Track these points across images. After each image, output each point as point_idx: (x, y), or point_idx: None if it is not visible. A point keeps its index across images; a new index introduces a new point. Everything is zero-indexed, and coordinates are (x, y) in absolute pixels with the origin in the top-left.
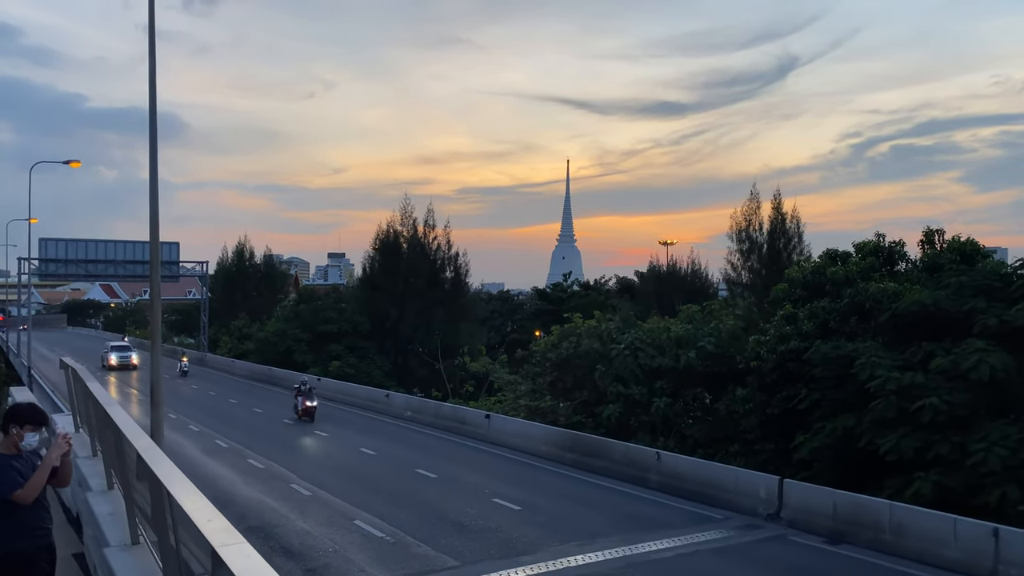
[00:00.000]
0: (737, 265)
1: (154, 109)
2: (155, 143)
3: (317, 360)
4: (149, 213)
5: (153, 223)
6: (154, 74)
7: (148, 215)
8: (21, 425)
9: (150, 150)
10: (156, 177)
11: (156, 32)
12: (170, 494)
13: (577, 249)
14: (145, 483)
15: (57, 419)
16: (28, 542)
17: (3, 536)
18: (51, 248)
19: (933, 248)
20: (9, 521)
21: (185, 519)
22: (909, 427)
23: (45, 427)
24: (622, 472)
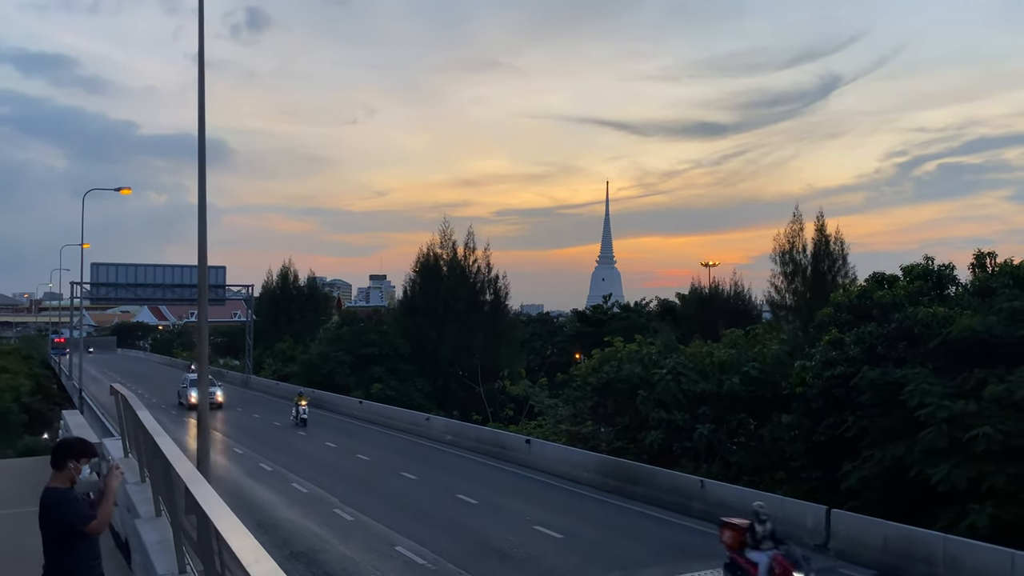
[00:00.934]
0: (781, 288)
1: (203, 145)
2: (203, 184)
3: (359, 383)
4: (198, 242)
5: (201, 252)
6: (203, 103)
7: (196, 240)
8: (78, 459)
9: (199, 189)
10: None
11: (205, 64)
12: (218, 532)
13: (617, 270)
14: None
15: (107, 444)
16: (87, 573)
17: (66, 568)
18: (102, 272)
19: (984, 271)
20: (71, 554)
21: (232, 556)
22: (961, 457)
23: (95, 457)
24: (665, 500)
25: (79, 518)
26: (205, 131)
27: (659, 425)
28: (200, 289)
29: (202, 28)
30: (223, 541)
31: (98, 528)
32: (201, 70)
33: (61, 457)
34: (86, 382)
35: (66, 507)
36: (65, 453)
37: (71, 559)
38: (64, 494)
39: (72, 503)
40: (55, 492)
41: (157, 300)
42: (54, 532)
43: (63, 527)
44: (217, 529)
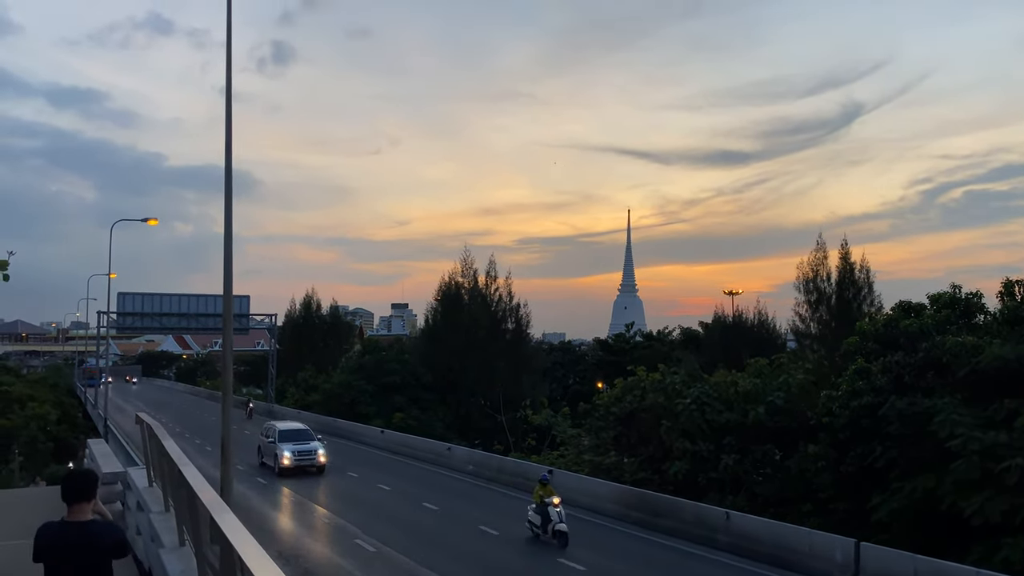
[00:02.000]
0: (805, 316)
1: (229, 181)
2: (229, 215)
3: (380, 411)
4: (223, 274)
5: (227, 285)
6: (230, 137)
7: (221, 270)
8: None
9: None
10: (230, 243)
11: (232, 97)
12: (242, 561)
13: (639, 299)
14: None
15: (132, 473)
16: None
17: None
18: (128, 302)
19: (1013, 299)
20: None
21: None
22: (994, 489)
23: None
24: (690, 532)
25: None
26: (232, 167)
27: (683, 455)
28: (225, 318)
29: (229, 80)
30: (247, 571)
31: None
32: (228, 111)
33: (94, 487)
34: (111, 411)
35: (122, 535)
36: (95, 484)
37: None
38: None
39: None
40: (111, 523)
41: (182, 329)
42: (106, 558)
43: (117, 553)
44: (241, 558)
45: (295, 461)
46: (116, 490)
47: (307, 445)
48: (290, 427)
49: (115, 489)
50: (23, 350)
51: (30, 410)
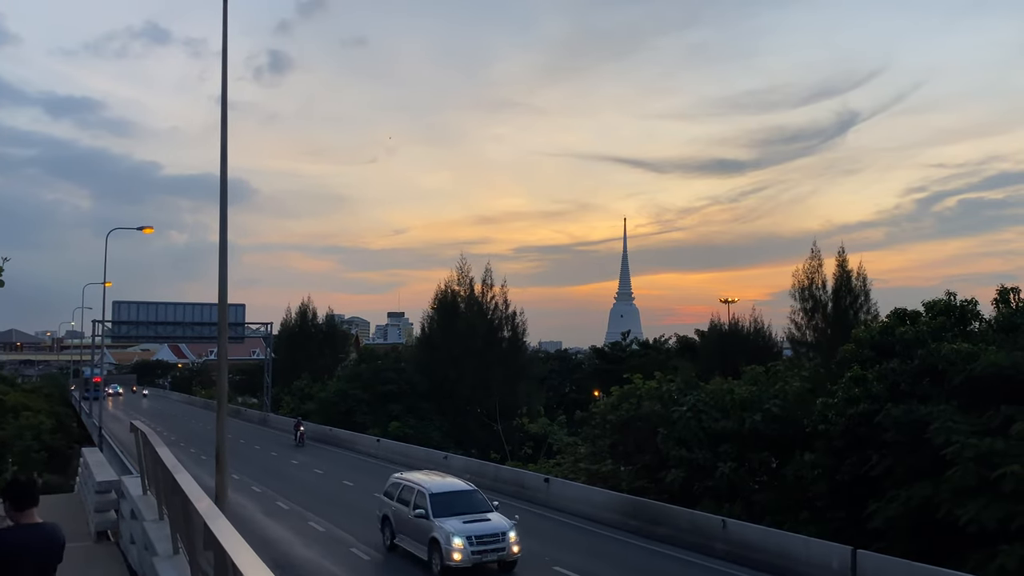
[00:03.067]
0: (801, 324)
1: (224, 188)
2: (224, 224)
3: (377, 420)
4: (219, 283)
5: (222, 295)
6: (225, 147)
7: (217, 278)
8: None
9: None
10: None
11: (228, 107)
12: (236, 567)
13: (635, 307)
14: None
15: (127, 481)
16: None
17: None
18: (123, 310)
19: (1008, 307)
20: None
21: None
22: (990, 496)
23: None
24: (687, 540)
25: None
26: (227, 176)
27: (680, 464)
28: (220, 327)
29: (224, 90)
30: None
31: None
32: (224, 121)
33: (37, 496)
34: (106, 419)
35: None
36: (32, 491)
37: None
38: None
39: None
40: (56, 525)
41: (177, 338)
42: (57, 558)
43: (61, 553)
44: (235, 564)
45: (472, 555)
46: (110, 499)
47: (486, 523)
48: (447, 486)
49: (109, 498)
50: (18, 359)
51: (24, 419)
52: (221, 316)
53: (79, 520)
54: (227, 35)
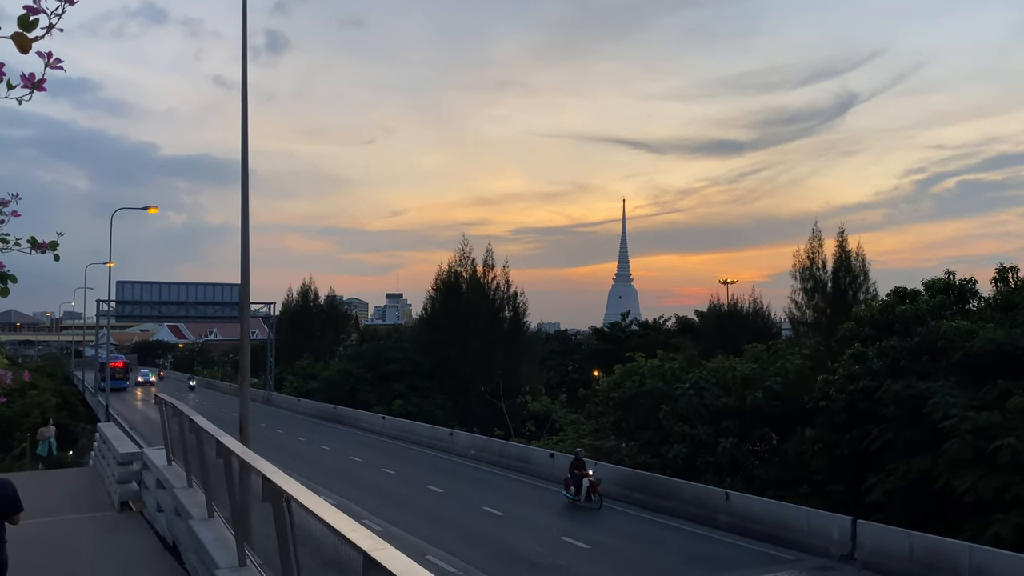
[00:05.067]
0: (801, 304)
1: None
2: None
3: (380, 399)
4: (241, 263)
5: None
6: (246, 133)
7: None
8: None
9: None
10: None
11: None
12: (311, 511)
13: (634, 288)
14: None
15: (150, 453)
16: None
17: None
18: (127, 290)
19: (1007, 286)
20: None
21: (322, 532)
22: (987, 468)
23: None
24: (690, 513)
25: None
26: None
27: (682, 439)
28: (242, 307)
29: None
30: (317, 517)
31: None
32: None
33: None
34: (111, 398)
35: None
36: None
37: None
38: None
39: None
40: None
41: (181, 318)
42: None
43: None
44: (311, 509)
45: None
46: (133, 470)
47: None
48: None
49: (132, 469)
50: (17, 339)
51: (30, 398)
52: (243, 297)
53: (97, 492)
54: (246, 54)
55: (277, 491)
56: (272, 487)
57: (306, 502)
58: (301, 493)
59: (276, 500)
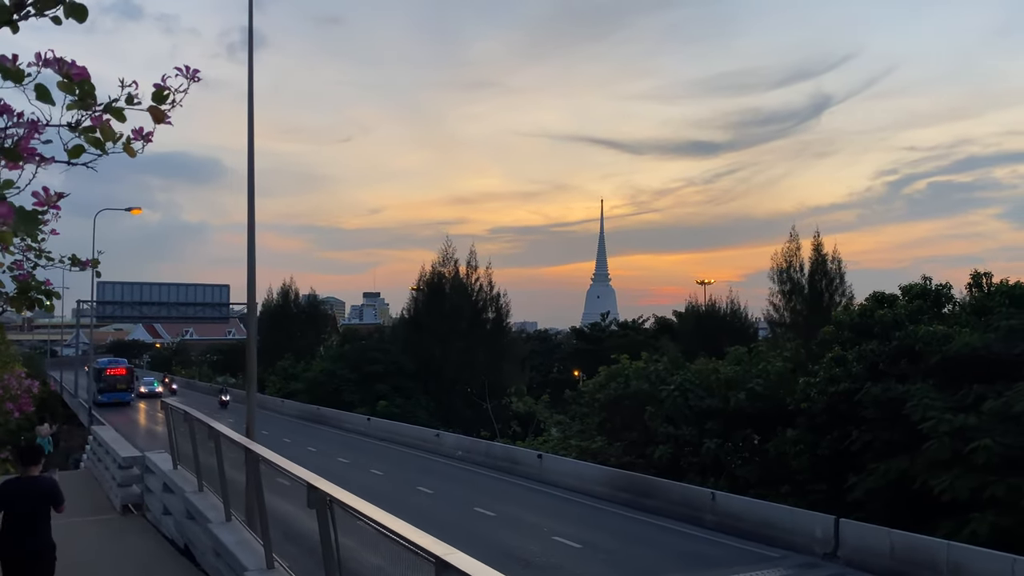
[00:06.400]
0: (779, 306)
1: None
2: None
3: (364, 400)
4: (247, 266)
5: (250, 277)
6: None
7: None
8: None
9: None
10: (253, 237)
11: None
12: (367, 516)
13: (612, 288)
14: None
15: (153, 457)
16: None
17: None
18: (107, 290)
19: (981, 291)
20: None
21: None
22: (963, 468)
23: None
24: (677, 512)
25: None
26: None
27: (667, 440)
28: (249, 307)
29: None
30: (379, 526)
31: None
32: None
33: (42, 456)
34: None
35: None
36: (42, 454)
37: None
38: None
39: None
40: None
41: (162, 318)
42: (53, 505)
43: (59, 504)
44: (367, 515)
45: None
46: (134, 474)
47: None
48: None
49: (133, 473)
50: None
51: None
52: (250, 298)
53: (95, 494)
54: (252, 73)
55: (322, 497)
56: (319, 494)
57: (370, 513)
58: (355, 502)
59: (321, 506)
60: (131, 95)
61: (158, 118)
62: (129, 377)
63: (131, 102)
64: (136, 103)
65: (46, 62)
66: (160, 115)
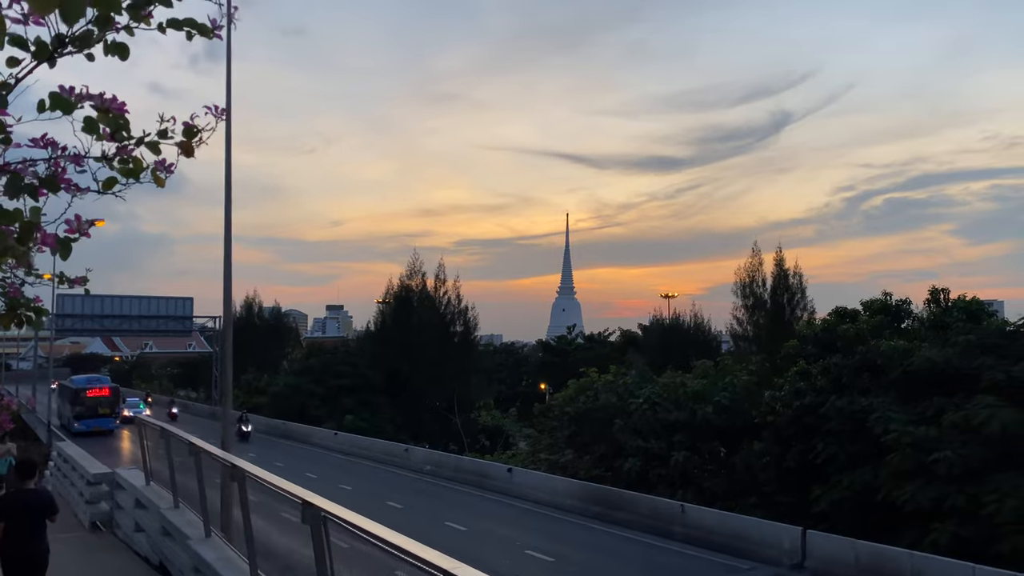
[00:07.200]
0: (743, 320)
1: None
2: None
3: (331, 414)
4: (223, 283)
5: (226, 293)
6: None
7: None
8: None
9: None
10: (230, 252)
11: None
12: (371, 533)
13: (577, 301)
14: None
15: (124, 473)
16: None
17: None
18: (68, 304)
19: (939, 306)
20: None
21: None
22: (925, 479)
23: None
24: (646, 524)
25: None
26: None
27: (636, 453)
28: (224, 321)
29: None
30: (343, 521)
31: None
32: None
33: (35, 470)
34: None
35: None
36: (36, 467)
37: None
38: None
39: None
40: (46, 489)
41: (124, 332)
42: (48, 516)
43: (54, 514)
44: (369, 531)
45: None
46: (103, 490)
47: None
48: None
49: (102, 489)
50: None
51: None
52: (226, 314)
53: (61, 512)
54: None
55: (316, 513)
56: (313, 510)
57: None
58: (351, 516)
59: (315, 522)
60: (166, 129)
61: (188, 152)
62: (114, 399)
63: (165, 136)
64: (169, 137)
65: (81, 96)
66: (190, 150)
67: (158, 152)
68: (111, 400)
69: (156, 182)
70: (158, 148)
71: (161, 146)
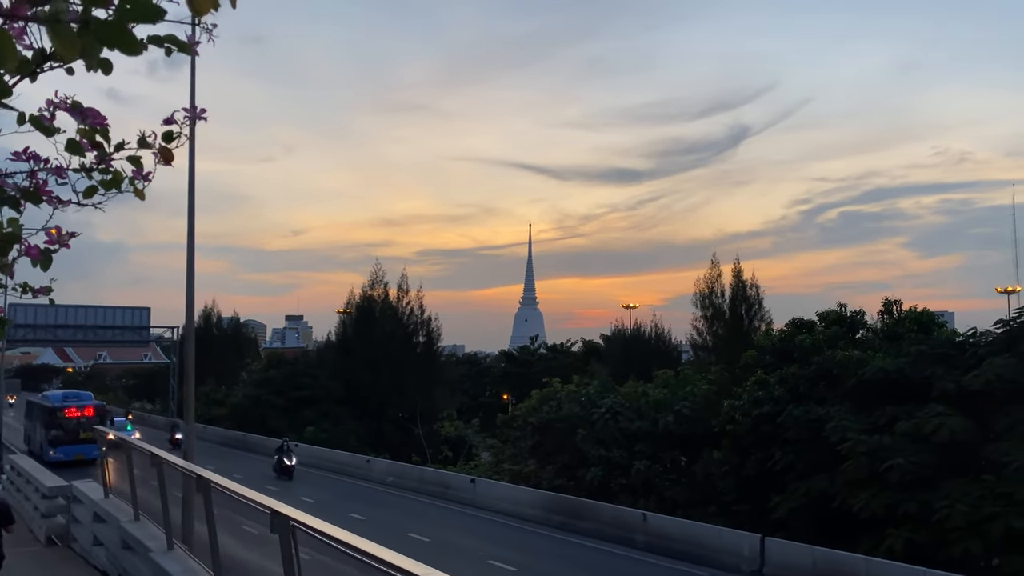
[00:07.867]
0: (702, 330)
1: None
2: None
3: (291, 426)
4: (186, 293)
5: (189, 301)
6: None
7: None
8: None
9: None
10: (192, 265)
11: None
12: (341, 541)
13: (540, 311)
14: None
15: (82, 487)
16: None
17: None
18: (19, 313)
19: (892, 317)
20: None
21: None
22: (879, 487)
23: None
24: (608, 533)
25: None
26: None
27: (598, 462)
28: (187, 331)
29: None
30: (311, 529)
31: None
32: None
33: None
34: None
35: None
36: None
37: None
38: None
39: None
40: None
41: (78, 342)
42: (3, 526)
43: (10, 523)
44: (340, 540)
45: None
46: (59, 504)
47: None
48: None
49: (59, 503)
50: None
51: None
52: (188, 324)
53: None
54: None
55: (284, 522)
56: (281, 519)
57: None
58: (320, 525)
59: (284, 532)
60: (144, 139)
61: (167, 159)
62: (100, 421)
63: (144, 144)
64: (149, 145)
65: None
66: (169, 156)
67: (139, 165)
68: (96, 422)
69: (136, 194)
70: (139, 161)
71: (140, 154)
